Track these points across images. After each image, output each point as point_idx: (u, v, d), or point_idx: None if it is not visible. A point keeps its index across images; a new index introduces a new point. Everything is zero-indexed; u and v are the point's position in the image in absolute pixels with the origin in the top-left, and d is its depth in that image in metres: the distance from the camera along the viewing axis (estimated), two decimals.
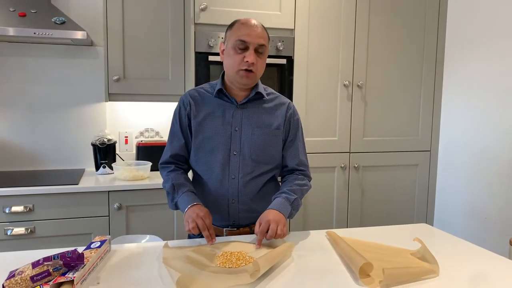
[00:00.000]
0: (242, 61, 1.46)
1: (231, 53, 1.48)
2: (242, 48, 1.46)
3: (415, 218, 2.86)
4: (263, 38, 1.49)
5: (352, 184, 2.71)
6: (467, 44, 2.61)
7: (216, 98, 1.57)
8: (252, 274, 1.13)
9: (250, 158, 1.55)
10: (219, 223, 1.58)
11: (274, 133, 1.58)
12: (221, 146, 1.53)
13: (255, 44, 1.46)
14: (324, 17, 2.55)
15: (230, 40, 1.49)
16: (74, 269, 1.09)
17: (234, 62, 1.47)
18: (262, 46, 1.49)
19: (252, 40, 1.46)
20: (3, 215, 2.18)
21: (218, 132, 1.54)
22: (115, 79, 2.50)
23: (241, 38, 1.45)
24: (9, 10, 2.31)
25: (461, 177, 2.67)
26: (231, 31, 1.50)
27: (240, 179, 1.55)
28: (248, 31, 1.46)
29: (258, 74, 1.53)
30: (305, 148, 1.69)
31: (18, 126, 2.68)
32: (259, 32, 1.48)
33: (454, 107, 2.73)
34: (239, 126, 1.54)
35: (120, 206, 2.33)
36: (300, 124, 1.68)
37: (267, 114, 1.58)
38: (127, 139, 2.87)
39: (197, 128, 1.55)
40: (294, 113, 1.65)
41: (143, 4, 2.53)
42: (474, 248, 1.44)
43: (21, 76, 2.66)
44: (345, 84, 2.61)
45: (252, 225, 1.58)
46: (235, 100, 1.56)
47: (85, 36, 2.34)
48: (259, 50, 1.48)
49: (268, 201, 1.58)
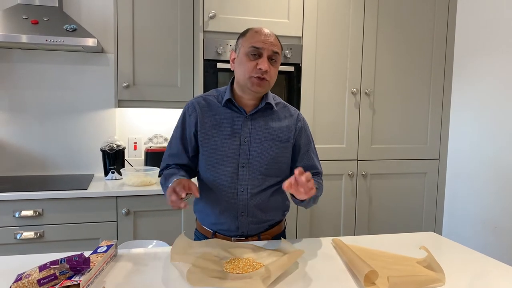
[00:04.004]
0: (255, 68, 1.42)
1: (243, 60, 1.45)
2: (255, 54, 1.43)
3: (423, 227, 2.84)
4: (276, 46, 1.47)
5: (360, 191, 2.70)
6: (476, 52, 2.60)
7: (224, 108, 1.53)
8: (264, 280, 1.13)
9: (259, 171, 1.51)
10: (227, 233, 1.55)
11: (283, 146, 1.54)
12: (229, 157, 1.50)
13: (269, 51, 1.44)
14: (332, 25, 2.56)
15: (243, 47, 1.46)
16: (80, 273, 1.10)
17: (247, 69, 1.43)
18: (276, 54, 1.46)
19: (266, 46, 1.43)
20: (13, 219, 2.20)
21: (226, 143, 1.50)
22: (124, 86, 2.53)
23: (255, 45, 1.43)
24: (22, 17, 2.36)
25: (470, 185, 2.65)
26: (243, 39, 1.47)
27: (249, 192, 1.51)
28: (262, 38, 1.44)
29: (271, 82, 1.49)
30: (318, 156, 1.67)
31: (29, 132, 2.72)
32: (273, 40, 1.46)
33: (462, 115, 2.71)
34: (248, 137, 1.51)
35: (128, 211, 2.35)
36: (311, 135, 1.65)
37: (276, 125, 1.54)
38: (136, 145, 2.89)
39: (205, 137, 1.52)
40: (304, 124, 1.62)
41: (153, 12, 2.56)
42: (483, 258, 1.42)
43: (33, 82, 2.71)
44: (353, 91, 2.61)
45: (261, 234, 1.57)
46: (244, 110, 1.52)
47: (95, 43, 2.37)
48: (273, 57, 1.45)
49: (275, 211, 1.57)
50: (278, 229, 1.63)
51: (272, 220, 1.59)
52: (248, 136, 1.51)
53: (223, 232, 1.55)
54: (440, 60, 2.76)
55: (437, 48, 2.75)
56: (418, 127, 2.78)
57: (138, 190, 2.36)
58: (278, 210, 1.61)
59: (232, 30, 2.41)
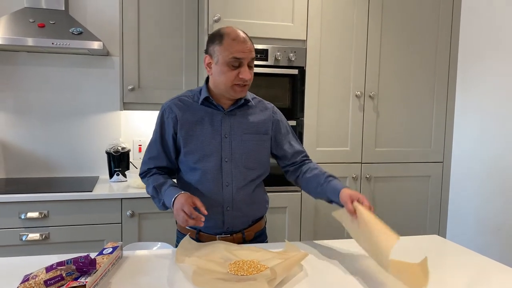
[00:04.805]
0: (237, 77, 1.47)
1: (224, 69, 1.47)
2: (236, 65, 1.46)
3: (427, 230, 2.83)
4: (253, 51, 1.51)
5: (364, 194, 2.68)
6: (480, 54, 2.60)
7: (202, 106, 1.57)
8: (269, 282, 1.14)
9: (242, 165, 1.56)
10: (212, 231, 1.57)
11: (263, 139, 1.60)
12: (212, 153, 1.54)
13: (248, 59, 1.48)
14: (336, 28, 2.57)
15: (221, 55, 1.46)
16: (86, 274, 1.11)
17: (229, 78, 1.47)
18: (253, 59, 1.52)
19: (246, 55, 1.47)
20: (19, 221, 2.22)
21: (208, 140, 1.54)
22: (130, 89, 2.55)
23: (236, 55, 1.45)
24: (29, 21, 2.38)
25: (474, 188, 2.65)
26: (221, 47, 1.46)
27: (234, 186, 1.56)
28: (242, 48, 1.46)
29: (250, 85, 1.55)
30: (298, 139, 1.73)
31: (35, 134, 2.74)
32: (250, 46, 1.50)
33: (466, 118, 2.71)
34: (229, 133, 1.55)
35: (133, 213, 2.36)
36: (288, 125, 1.71)
37: (254, 119, 1.60)
38: (140, 148, 2.91)
39: (186, 136, 1.54)
40: (280, 116, 1.68)
41: (158, 15, 2.58)
42: (487, 261, 1.42)
43: (39, 84, 2.73)
44: (357, 94, 2.62)
45: (244, 230, 1.60)
46: (222, 107, 1.56)
47: (101, 46, 2.39)
48: (251, 64, 1.51)
49: (258, 204, 1.64)
50: (259, 225, 1.67)
51: (255, 215, 1.65)
52: (229, 132, 1.56)
53: (208, 230, 1.56)
54: (444, 63, 2.77)
55: (441, 51, 2.75)
56: (422, 130, 2.77)
57: (142, 192, 2.37)
58: (261, 204, 1.67)
59: None
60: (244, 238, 1.60)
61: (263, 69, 2.45)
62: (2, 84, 2.67)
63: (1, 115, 2.68)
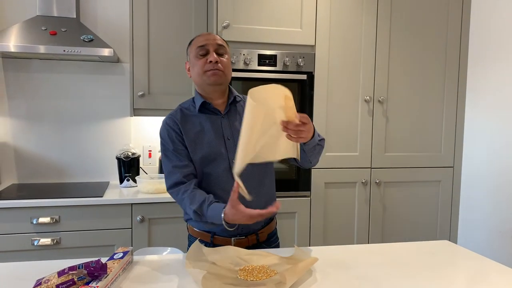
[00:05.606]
0: (206, 63, 1.52)
1: (194, 62, 1.56)
2: (203, 53, 1.53)
3: (438, 235, 2.81)
4: (220, 40, 1.56)
5: (374, 200, 2.69)
6: (490, 57, 2.58)
7: (200, 114, 1.59)
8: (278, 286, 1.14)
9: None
10: (227, 233, 1.57)
11: None
12: (220, 158, 1.55)
13: (214, 45, 1.53)
14: (344, 33, 2.58)
15: (191, 53, 1.58)
16: (97, 279, 1.12)
17: (199, 67, 1.54)
18: (221, 46, 1.55)
19: (210, 42, 1.54)
20: (30, 226, 2.25)
21: (213, 145, 1.55)
22: (140, 95, 2.58)
23: (199, 44, 1.54)
24: (41, 29, 2.42)
25: (486, 193, 2.62)
26: (190, 46, 1.59)
27: (246, 185, 1.56)
28: (205, 37, 1.55)
29: (227, 72, 1.56)
30: None
31: (47, 140, 2.78)
32: (214, 36, 1.56)
33: (477, 122, 2.69)
34: (230, 134, 1.58)
35: (143, 218, 2.37)
36: None
37: None
38: (150, 153, 2.93)
39: (192, 145, 1.55)
40: None
41: (167, 22, 2.61)
42: (499, 267, 1.41)
43: (51, 91, 2.77)
44: (366, 99, 2.61)
45: (258, 231, 1.60)
46: (219, 111, 1.60)
47: (111, 53, 2.42)
48: (220, 51, 1.55)
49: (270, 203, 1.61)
50: (271, 227, 1.68)
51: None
52: (230, 134, 1.58)
53: (223, 233, 1.56)
54: (453, 67, 2.75)
55: (450, 55, 2.74)
56: (432, 135, 2.76)
57: (152, 197, 2.39)
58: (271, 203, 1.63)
59: (245, 40, 2.44)
60: (258, 240, 1.61)
61: (271, 74, 2.46)
62: (15, 91, 2.71)
63: (14, 122, 2.72)
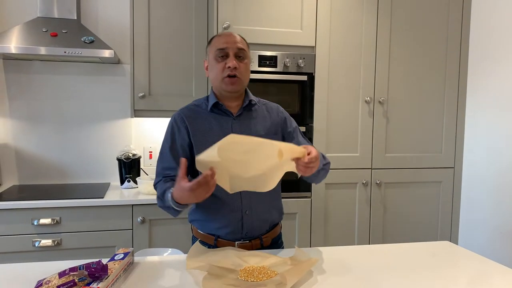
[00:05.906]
0: (224, 68, 1.50)
1: (213, 64, 1.53)
2: (223, 56, 1.51)
3: (439, 236, 2.80)
4: (241, 43, 1.54)
5: (374, 200, 2.68)
6: (491, 57, 2.58)
7: (211, 113, 1.57)
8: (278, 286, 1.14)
9: None
10: (231, 237, 1.56)
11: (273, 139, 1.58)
12: None
13: (234, 49, 1.51)
14: (345, 34, 2.58)
15: (210, 53, 1.55)
16: (98, 280, 1.12)
17: (217, 71, 1.51)
18: (242, 50, 1.52)
19: (230, 45, 1.50)
20: (31, 227, 2.25)
21: None
22: (140, 96, 2.58)
23: (219, 46, 1.51)
24: (42, 30, 2.42)
25: (487, 194, 2.62)
26: (210, 46, 1.56)
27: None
28: (226, 39, 1.52)
29: (244, 79, 1.55)
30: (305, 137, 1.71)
31: (48, 141, 2.78)
32: (237, 39, 1.53)
33: (478, 123, 2.69)
34: None
35: (144, 219, 2.37)
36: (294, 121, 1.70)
37: (263, 121, 1.61)
38: (151, 154, 2.93)
39: (199, 144, 1.53)
40: (286, 114, 1.69)
41: (168, 23, 2.61)
42: (500, 268, 1.40)
43: (52, 92, 2.77)
44: (366, 100, 2.61)
45: (262, 236, 1.59)
46: (231, 112, 1.57)
47: (112, 55, 2.42)
48: (240, 54, 1.52)
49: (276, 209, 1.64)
50: (276, 232, 1.67)
51: (273, 220, 1.65)
52: None
53: (227, 236, 1.56)
54: (454, 67, 2.75)
55: (451, 56, 2.74)
56: (432, 136, 2.76)
57: (153, 198, 2.38)
58: (278, 209, 1.67)
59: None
60: (262, 244, 1.59)
61: (272, 75, 2.47)
62: (16, 92, 2.71)
63: (15, 123, 2.72)
